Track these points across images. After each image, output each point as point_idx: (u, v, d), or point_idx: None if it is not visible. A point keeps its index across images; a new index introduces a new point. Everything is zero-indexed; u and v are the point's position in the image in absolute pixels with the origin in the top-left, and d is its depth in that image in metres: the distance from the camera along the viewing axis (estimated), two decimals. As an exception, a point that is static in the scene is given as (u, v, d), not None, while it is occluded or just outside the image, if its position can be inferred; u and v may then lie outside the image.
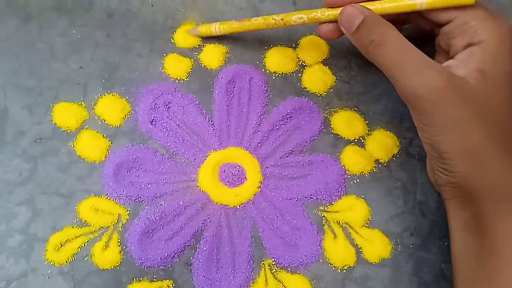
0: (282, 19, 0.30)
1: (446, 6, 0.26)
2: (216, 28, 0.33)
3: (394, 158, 0.33)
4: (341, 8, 0.28)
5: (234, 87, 0.34)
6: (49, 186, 0.32)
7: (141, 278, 0.31)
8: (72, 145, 0.33)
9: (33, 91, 0.34)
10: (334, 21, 0.29)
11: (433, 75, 0.25)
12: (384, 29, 0.26)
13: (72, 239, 0.31)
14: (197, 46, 0.35)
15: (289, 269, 0.31)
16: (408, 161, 0.33)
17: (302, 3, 0.36)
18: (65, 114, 0.33)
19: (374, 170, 0.33)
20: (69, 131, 0.33)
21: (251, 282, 0.31)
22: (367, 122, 0.34)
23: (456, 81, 0.25)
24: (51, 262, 0.31)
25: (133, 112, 0.34)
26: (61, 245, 0.31)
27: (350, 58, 0.35)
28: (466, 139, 0.25)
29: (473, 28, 0.26)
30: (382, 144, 0.34)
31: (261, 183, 0.33)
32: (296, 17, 0.29)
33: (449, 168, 0.26)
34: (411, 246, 0.32)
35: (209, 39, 0.35)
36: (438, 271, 0.32)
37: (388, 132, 0.34)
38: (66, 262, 0.31)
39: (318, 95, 0.35)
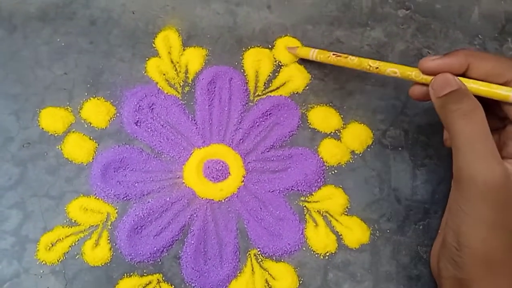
0: (376, 67, 0.31)
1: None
2: (313, 54, 0.34)
3: (368, 149, 0.35)
4: (437, 75, 0.28)
5: (215, 87, 0.36)
6: (39, 189, 0.33)
7: (132, 273, 0.32)
8: (59, 148, 0.34)
9: (19, 98, 0.35)
10: (426, 85, 0.29)
11: (495, 171, 0.25)
12: (474, 105, 0.26)
13: (62, 238, 0.32)
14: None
15: (274, 258, 0.33)
16: (381, 151, 0.35)
17: (276, 7, 0.38)
18: (52, 119, 0.34)
19: (351, 161, 0.35)
20: (56, 134, 0.34)
21: (238, 272, 0.32)
22: (342, 116, 0.36)
23: (510, 185, 0.25)
24: (43, 261, 0.32)
25: (118, 114, 0.35)
26: (52, 245, 0.32)
27: (324, 57, 0.37)
28: (493, 243, 0.25)
29: None
30: (357, 136, 0.35)
31: (244, 177, 0.34)
32: (390, 70, 0.30)
33: (461, 263, 0.26)
34: (388, 231, 0.34)
35: (189, 41, 0.37)
36: (415, 253, 0.33)
37: (362, 124, 0.36)
38: (58, 261, 0.32)
39: (295, 92, 0.36)
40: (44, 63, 0.36)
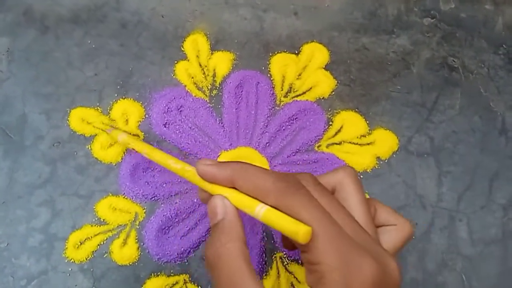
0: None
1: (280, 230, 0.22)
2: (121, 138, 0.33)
3: (394, 155, 0.36)
4: (212, 198, 0.23)
5: (242, 91, 0.36)
6: (68, 187, 0.33)
7: (159, 273, 0.32)
8: (89, 148, 0.34)
9: (51, 98, 0.35)
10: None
11: None
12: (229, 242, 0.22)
13: (91, 237, 0.32)
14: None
15: (300, 261, 0.33)
16: (407, 157, 0.35)
17: (303, 13, 0.39)
18: (82, 119, 0.35)
19: (376, 167, 0.35)
20: (86, 134, 0.35)
21: (264, 274, 0.32)
22: (367, 122, 0.36)
23: None
24: (71, 259, 0.32)
25: (147, 116, 0.35)
26: (81, 243, 0.32)
27: (349, 63, 0.38)
28: None
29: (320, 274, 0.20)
30: (383, 142, 0.36)
31: (270, 180, 0.34)
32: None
33: None
34: (413, 237, 0.34)
35: (217, 45, 0.37)
36: (440, 260, 0.33)
37: (388, 131, 0.36)
38: (86, 259, 0.32)
39: (321, 97, 0.37)
40: (75, 64, 0.36)
